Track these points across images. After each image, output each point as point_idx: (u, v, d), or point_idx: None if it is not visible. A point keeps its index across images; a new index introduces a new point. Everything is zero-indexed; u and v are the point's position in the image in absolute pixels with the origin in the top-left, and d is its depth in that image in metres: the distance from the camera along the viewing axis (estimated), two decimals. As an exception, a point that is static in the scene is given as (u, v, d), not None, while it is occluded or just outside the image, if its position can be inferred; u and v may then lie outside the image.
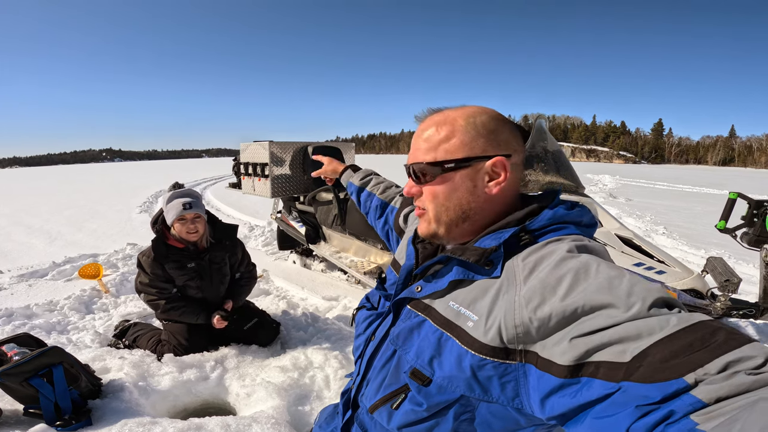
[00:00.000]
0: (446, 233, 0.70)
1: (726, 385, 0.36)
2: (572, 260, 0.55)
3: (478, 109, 0.69)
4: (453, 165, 0.66)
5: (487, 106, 0.72)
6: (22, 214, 8.34)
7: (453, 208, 0.68)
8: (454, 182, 0.67)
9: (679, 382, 0.39)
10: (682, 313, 0.47)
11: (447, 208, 0.68)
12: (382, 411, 0.68)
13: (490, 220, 0.68)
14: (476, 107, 0.70)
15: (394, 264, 0.86)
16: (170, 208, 2.13)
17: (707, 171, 40.70)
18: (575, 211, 0.66)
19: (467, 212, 0.68)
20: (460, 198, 0.67)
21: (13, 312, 2.74)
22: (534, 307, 0.53)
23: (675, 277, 2.25)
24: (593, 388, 0.45)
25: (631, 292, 0.48)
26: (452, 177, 0.67)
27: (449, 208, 0.68)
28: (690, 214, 8.18)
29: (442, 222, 0.69)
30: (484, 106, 0.70)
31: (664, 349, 0.42)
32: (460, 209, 0.68)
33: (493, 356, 0.55)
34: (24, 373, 1.49)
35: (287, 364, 2.01)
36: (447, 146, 0.67)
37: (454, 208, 0.68)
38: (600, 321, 0.47)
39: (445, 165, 0.67)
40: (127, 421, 1.47)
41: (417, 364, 0.63)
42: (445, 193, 0.68)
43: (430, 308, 0.66)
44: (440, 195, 0.68)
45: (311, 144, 3.82)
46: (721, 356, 0.39)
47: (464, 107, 0.70)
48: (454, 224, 0.69)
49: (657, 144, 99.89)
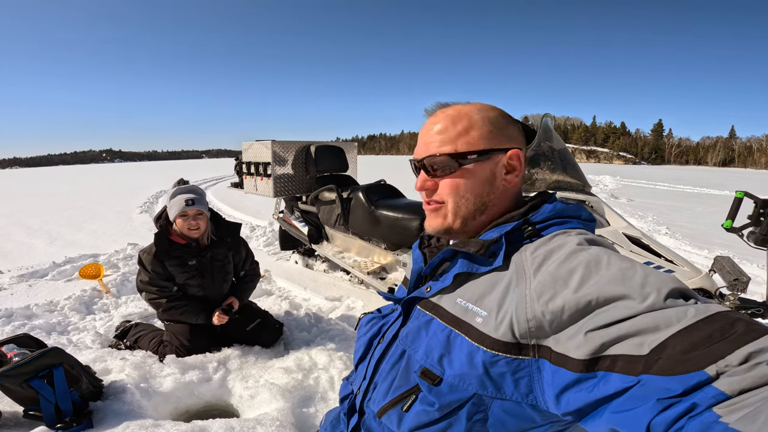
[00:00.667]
0: (462, 226, 0.70)
1: (749, 377, 0.36)
2: (583, 252, 0.55)
3: (487, 105, 0.71)
4: (475, 156, 0.67)
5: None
6: (22, 215, 8.31)
7: (473, 199, 0.68)
8: (475, 174, 0.67)
9: (700, 375, 0.38)
10: (699, 303, 0.46)
11: (467, 199, 0.68)
12: (391, 414, 0.66)
13: (501, 213, 0.69)
14: (484, 104, 0.71)
15: (404, 282, 0.86)
16: (173, 204, 2.12)
17: (707, 172, 40.75)
18: (573, 206, 0.68)
19: (486, 204, 0.69)
20: (481, 190, 0.68)
21: (13, 312, 2.71)
22: (546, 300, 0.52)
23: (683, 276, 2.23)
24: (611, 382, 0.44)
25: (645, 283, 0.47)
26: (473, 169, 0.68)
27: (469, 199, 0.68)
28: (692, 214, 8.16)
29: (460, 215, 0.69)
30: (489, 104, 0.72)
31: (683, 340, 0.41)
32: (480, 201, 0.68)
33: (505, 352, 0.54)
34: (24, 375, 1.46)
35: (291, 366, 1.98)
36: (467, 139, 0.67)
37: (474, 200, 0.68)
38: (615, 313, 0.46)
39: (468, 156, 0.67)
40: (129, 424, 1.44)
41: (427, 363, 0.62)
42: (466, 185, 0.68)
43: (438, 306, 0.65)
44: (461, 187, 0.68)
45: (314, 143, 3.81)
46: (742, 347, 0.38)
47: (473, 103, 0.71)
48: (472, 216, 0.69)
49: (657, 145, 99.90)
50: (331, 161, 3.82)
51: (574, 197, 2.35)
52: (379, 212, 3.09)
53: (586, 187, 2.45)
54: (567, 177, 2.37)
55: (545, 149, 2.32)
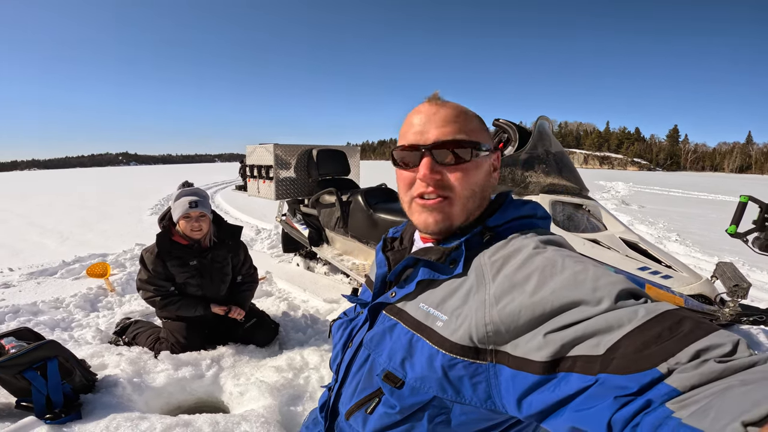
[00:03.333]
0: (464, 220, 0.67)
1: (697, 374, 0.37)
2: (538, 256, 0.56)
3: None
4: (487, 149, 0.67)
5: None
6: (37, 215, 8.54)
7: (479, 192, 0.67)
8: (481, 167, 0.67)
9: (653, 372, 0.40)
10: (649, 303, 0.47)
11: (474, 192, 0.66)
12: (357, 416, 0.68)
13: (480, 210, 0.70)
14: None
15: (368, 283, 0.86)
16: (177, 206, 2.17)
17: (724, 178, 39.87)
18: (529, 206, 0.69)
19: (483, 199, 0.69)
20: (485, 183, 0.68)
21: (20, 308, 2.79)
22: (504, 305, 0.53)
23: (682, 282, 2.19)
24: (571, 382, 0.45)
25: (597, 287, 0.49)
26: (481, 162, 0.67)
27: (476, 193, 0.67)
28: (705, 221, 7.99)
29: (467, 208, 0.66)
30: None
31: (635, 340, 0.43)
32: (482, 194, 0.68)
33: (462, 355, 0.55)
34: (18, 366, 1.50)
35: (283, 365, 2.00)
36: (479, 132, 0.67)
37: (480, 193, 0.67)
38: (571, 317, 0.48)
39: (483, 148, 0.66)
40: (116, 416, 1.47)
41: (389, 366, 0.63)
42: (476, 177, 0.66)
43: (402, 311, 0.66)
44: (472, 177, 0.65)
45: (316, 147, 3.84)
46: (691, 345, 0.40)
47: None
48: (471, 212, 0.67)
49: (672, 151, 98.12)
50: (333, 165, 3.85)
51: (571, 201, 2.33)
52: (377, 215, 3.11)
53: (583, 191, 2.43)
54: (563, 180, 2.35)
55: (540, 152, 2.31)
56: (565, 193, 2.34)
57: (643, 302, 0.48)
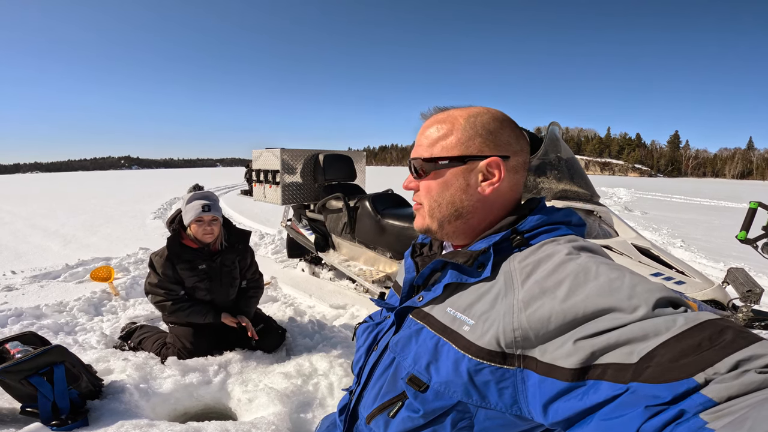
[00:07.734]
0: (439, 229, 0.71)
1: (736, 384, 0.36)
2: (571, 262, 0.54)
3: (483, 109, 0.69)
4: (447, 162, 0.67)
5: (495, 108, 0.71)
6: (40, 218, 8.52)
7: (445, 204, 0.69)
8: (446, 179, 0.68)
9: (689, 382, 0.38)
10: (688, 312, 0.46)
11: (439, 204, 0.69)
12: (379, 420, 0.67)
13: (487, 222, 0.69)
14: (481, 107, 0.70)
15: (395, 287, 0.86)
16: (189, 209, 2.16)
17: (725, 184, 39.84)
18: (563, 212, 0.67)
19: (459, 210, 0.68)
20: (453, 195, 0.68)
21: (23, 312, 2.76)
22: (533, 310, 0.52)
23: (695, 287, 2.17)
24: (601, 390, 0.44)
25: (633, 294, 0.48)
26: (445, 174, 0.68)
27: (441, 204, 0.69)
28: (709, 227, 7.96)
29: (435, 217, 0.70)
30: (491, 108, 0.70)
31: (672, 349, 0.41)
32: (452, 206, 0.69)
33: (489, 360, 0.54)
34: (24, 371, 1.48)
35: (291, 371, 1.97)
36: (444, 143, 0.67)
37: (446, 205, 0.69)
38: (604, 324, 0.46)
39: (438, 161, 0.67)
40: (124, 423, 1.44)
41: (414, 370, 0.62)
42: (438, 189, 0.69)
43: (429, 316, 0.65)
44: (433, 190, 0.69)
45: (322, 152, 3.84)
46: (731, 355, 0.38)
47: (470, 107, 0.70)
48: (447, 221, 0.69)
49: (673, 157, 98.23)
50: (340, 170, 3.84)
51: (582, 207, 2.31)
52: (385, 221, 3.09)
53: (594, 197, 2.41)
54: (574, 186, 2.34)
55: (552, 158, 2.29)
56: (576, 199, 2.32)
57: (683, 311, 0.46)
